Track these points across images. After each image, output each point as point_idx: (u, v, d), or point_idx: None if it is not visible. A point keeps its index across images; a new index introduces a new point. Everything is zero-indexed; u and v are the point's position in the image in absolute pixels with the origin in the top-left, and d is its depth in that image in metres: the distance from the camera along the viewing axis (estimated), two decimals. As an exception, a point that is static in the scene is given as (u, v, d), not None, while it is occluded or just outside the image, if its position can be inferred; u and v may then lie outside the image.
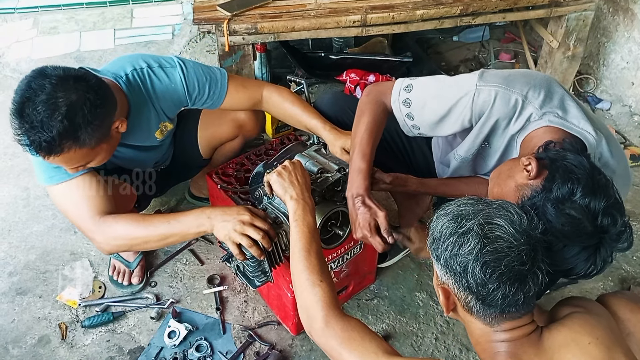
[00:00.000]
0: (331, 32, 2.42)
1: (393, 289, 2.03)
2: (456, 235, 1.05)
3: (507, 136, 1.43)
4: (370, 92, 1.61)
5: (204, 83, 1.76)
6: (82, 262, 2.10)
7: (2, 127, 2.73)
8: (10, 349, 1.84)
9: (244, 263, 1.55)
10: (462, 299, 1.07)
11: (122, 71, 1.64)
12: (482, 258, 1.01)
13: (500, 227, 1.03)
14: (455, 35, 3.31)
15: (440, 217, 1.11)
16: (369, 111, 1.56)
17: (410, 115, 1.53)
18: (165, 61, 1.72)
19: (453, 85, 1.45)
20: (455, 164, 1.61)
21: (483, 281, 1.01)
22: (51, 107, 1.36)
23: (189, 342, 1.85)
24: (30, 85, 1.39)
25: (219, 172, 1.92)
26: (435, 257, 1.10)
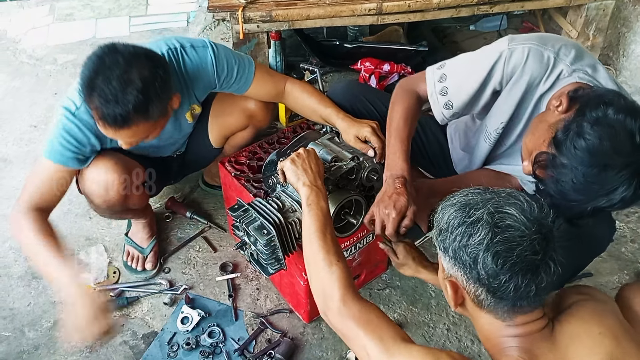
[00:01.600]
0: (346, 20, 2.40)
1: (405, 278, 2.02)
2: (465, 225, 1.01)
3: (535, 96, 1.40)
4: (402, 84, 1.62)
5: (233, 66, 1.77)
6: (97, 247, 2.13)
7: (19, 113, 2.76)
8: (26, 332, 1.88)
9: (257, 250, 1.55)
10: (471, 292, 1.03)
11: (158, 50, 1.65)
12: (493, 248, 0.97)
13: (510, 216, 0.99)
14: (472, 24, 3.27)
15: (446, 208, 1.07)
16: (401, 100, 1.56)
17: (444, 91, 1.50)
18: (197, 42, 1.74)
19: (485, 53, 1.43)
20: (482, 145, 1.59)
21: (494, 272, 0.97)
22: (126, 82, 1.41)
23: (201, 328, 1.87)
24: (104, 60, 1.42)
25: (232, 161, 1.93)
26: (442, 249, 1.06)
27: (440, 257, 1.09)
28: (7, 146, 2.58)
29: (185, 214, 2.22)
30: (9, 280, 2.03)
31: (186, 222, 2.23)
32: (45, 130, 2.64)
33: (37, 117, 2.74)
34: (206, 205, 2.30)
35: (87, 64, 1.45)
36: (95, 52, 1.46)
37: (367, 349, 1.08)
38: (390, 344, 1.06)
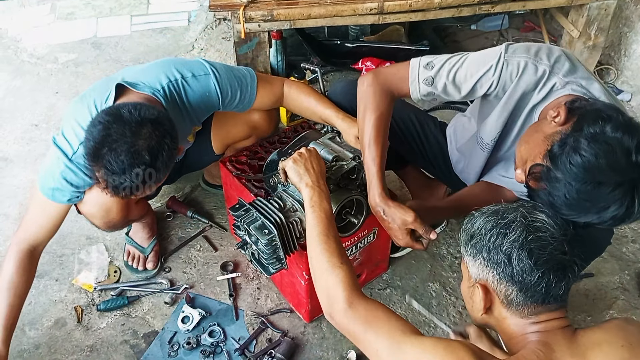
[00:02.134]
0: (347, 19, 2.40)
1: (406, 278, 2.02)
2: (499, 227, 1.07)
3: (528, 106, 1.40)
4: (373, 81, 1.50)
5: (236, 89, 1.75)
6: (97, 246, 2.13)
7: (20, 112, 2.76)
8: (27, 331, 1.88)
9: (258, 250, 1.55)
10: (501, 292, 1.07)
11: (158, 84, 1.62)
12: (527, 246, 1.03)
13: (541, 220, 1.06)
14: (474, 24, 3.26)
15: (477, 217, 1.12)
16: (373, 106, 1.48)
17: (430, 94, 1.47)
18: (197, 68, 1.69)
19: (478, 59, 1.42)
20: (477, 151, 1.59)
21: (530, 268, 1.02)
22: (134, 155, 1.38)
23: (202, 327, 1.87)
24: (109, 131, 1.38)
25: (233, 160, 1.93)
26: (472, 254, 1.10)
27: (467, 265, 1.13)
28: (8, 145, 2.58)
29: (186, 213, 2.22)
30: (9, 279, 2.03)
31: (187, 222, 2.23)
32: (46, 130, 2.64)
33: (38, 116, 2.74)
34: (207, 205, 2.30)
35: (92, 132, 1.41)
36: (100, 120, 1.41)
37: (377, 347, 1.08)
38: (400, 337, 1.06)
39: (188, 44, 3.20)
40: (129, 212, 1.79)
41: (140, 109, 1.42)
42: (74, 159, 1.56)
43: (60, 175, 1.58)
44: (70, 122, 1.59)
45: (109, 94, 1.57)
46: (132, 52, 3.15)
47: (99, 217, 1.71)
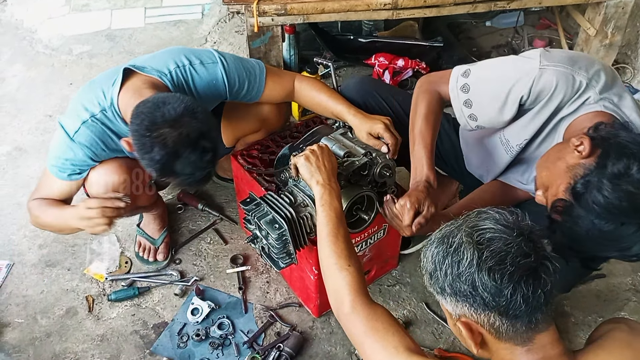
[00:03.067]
0: (361, 14, 2.39)
1: (415, 275, 2.02)
2: (450, 255, 0.98)
3: (557, 118, 1.38)
4: (423, 83, 1.59)
5: (244, 78, 1.75)
6: (109, 237, 2.14)
7: (34, 103, 2.78)
8: (39, 319, 1.90)
9: (269, 244, 1.56)
10: (485, 324, 0.98)
11: (165, 68, 1.65)
12: (484, 265, 0.94)
13: (488, 230, 0.97)
14: (488, 20, 3.24)
15: (426, 251, 1.05)
16: (423, 101, 1.54)
17: (468, 103, 1.48)
18: (206, 56, 1.71)
19: (513, 66, 1.40)
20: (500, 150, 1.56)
21: (496, 289, 0.93)
22: (198, 150, 1.42)
23: (211, 319, 1.88)
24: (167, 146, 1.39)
25: (244, 154, 1.93)
26: (438, 291, 1.02)
27: (442, 303, 1.04)
28: (22, 135, 2.61)
29: (197, 206, 2.23)
30: (22, 268, 2.05)
31: (198, 214, 2.24)
32: (60, 120, 2.66)
33: (52, 106, 2.76)
34: (218, 198, 2.31)
35: (151, 158, 1.41)
36: (151, 142, 1.40)
37: (370, 356, 1.09)
38: (393, 353, 1.05)
39: (201, 37, 3.21)
40: (136, 198, 1.80)
41: (167, 107, 1.42)
42: (75, 138, 1.61)
43: (60, 154, 1.64)
44: (76, 105, 1.65)
45: (116, 78, 1.60)
46: (146, 44, 3.16)
47: None
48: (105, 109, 1.60)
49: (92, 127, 1.60)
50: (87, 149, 1.62)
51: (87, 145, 1.61)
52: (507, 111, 1.42)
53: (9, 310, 1.92)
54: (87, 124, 1.60)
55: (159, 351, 1.81)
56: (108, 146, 1.65)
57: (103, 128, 1.62)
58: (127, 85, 1.59)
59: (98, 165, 1.67)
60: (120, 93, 1.58)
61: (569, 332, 1.86)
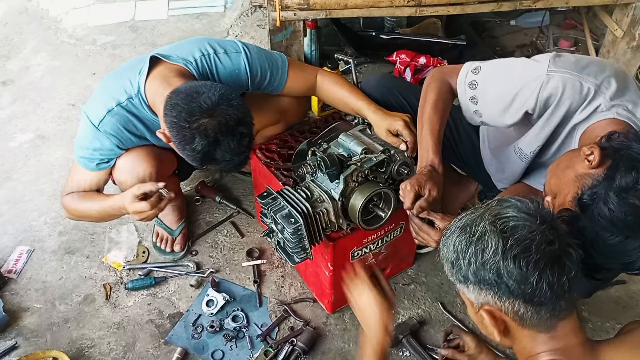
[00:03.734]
0: (384, 11, 2.37)
1: (431, 275, 2.01)
2: (473, 244, 0.97)
3: (569, 126, 1.37)
4: (435, 74, 1.59)
5: (267, 69, 1.76)
6: (128, 226, 2.17)
7: (58, 92, 2.82)
8: (57, 305, 1.93)
9: (284, 238, 1.56)
10: (510, 312, 0.98)
11: (191, 57, 1.66)
12: (510, 253, 0.93)
13: (511, 218, 0.96)
14: (513, 19, 3.19)
15: (447, 240, 1.03)
16: (433, 90, 1.54)
17: (474, 99, 1.49)
18: (230, 46, 1.73)
19: (522, 68, 1.40)
20: (514, 159, 1.55)
21: (522, 276, 0.93)
22: (236, 135, 1.46)
23: (225, 311, 1.89)
24: (207, 135, 1.42)
25: (263, 148, 1.93)
26: (461, 280, 1.01)
27: (464, 293, 1.04)
28: (45, 123, 2.65)
29: (215, 199, 2.25)
30: (42, 254, 2.09)
31: (215, 207, 2.25)
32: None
33: (75, 95, 2.80)
34: (235, 191, 2.32)
35: (193, 149, 1.44)
36: (192, 133, 1.43)
37: None
38: None
39: (223, 30, 3.22)
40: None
41: (203, 96, 1.43)
42: (100, 127, 1.63)
43: (87, 144, 1.66)
44: (101, 94, 1.67)
45: (143, 66, 1.62)
46: (168, 36, 3.18)
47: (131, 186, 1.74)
48: (132, 97, 1.62)
49: (117, 115, 1.62)
50: (113, 137, 1.64)
51: (113, 134, 1.64)
52: (510, 115, 1.42)
53: (28, 295, 1.96)
54: (113, 112, 1.62)
55: (173, 341, 1.83)
56: (133, 133, 1.68)
57: (128, 116, 1.64)
58: (153, 73, 1.61)
59: (125, 153, 1.70)
60: (147, 81, 1.60)
61: (585, 338, 1.83)
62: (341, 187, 1.53)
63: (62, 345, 1.81)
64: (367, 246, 1.75)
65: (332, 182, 1.55)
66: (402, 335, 1.79)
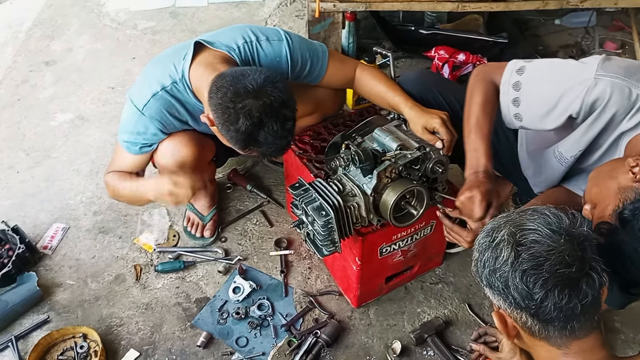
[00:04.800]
0: (425, 5, 2.34)
1: (460, 276, 1.98)
2: (490, 249, 0.98)
3: (615, 133, 1.32)
4: (480, 72, 1.55)
5: (307, 59, 1.76)
6: (160, 210, 2.20)
7: (99, 75, 2.88)
8: (89, 283, 1.98)
9: (314, 231, 1.56)
10: (518, 320, 0.98)
11: (234, 43, 1.67)
12: (519, 267, 0.92)
13: (533, 231, 0.94)
14: (558, 18, 3.10)
15: (480, 234, 1.04)
16: (480, 91, 1.50)
17: (517, 101, 1.44)
18: (272, 34, 1.74)
19: (568, 71, 1.35)
20: (554, 163, 1.51)
21: (527, 293, 0.92)
22: (280, 118, 1.46)
23: (251, 299, 1.91)
24: (252, 116, 1.43)
25: (296, 139, 1.93)
26: (479, 279, 1.02)
27: (486, 290, 1.04)
28: (85, 104, 2.71)
29: (246, 187, 2.26)
30: (77, 232, 2.14)
31: (246, 195, 2.27)
32: (122, 93, 2.75)
33: (115, 79, 2.85)
34: (266, 180, 2.33)
35: (237, 129, 1.44)
36: (236, 114, 1.43)
37: None
38: None
39: (261, 20, 3.23)
40: (202, 171, 1.85)
41: (249, 78, 1.44)
42: (144, 111, 1.65)
43: (131, 127, 1.69)
44: (145, 79, 1.70)
45: (187, 52, 1.63)
46: (207, 23, 3.21)
47: (172, 170, 1.77)
48: (177, 82, 1.64)
49: (161, 100, 1.65)
50: (157, 121, 1.67)
51: (157, 118, 1.66)
52: (553, 118, 1.37)
53: (62, 272, 2.01)
54: (157, 96, 1.64)
55: (199, 325, 1.85)
56: (177, 118, 1.70)
57: (172, 100, 1.66)
58: (198, 59, 1.62)
59: (167, 138, 1.73)
60: (191, 67, 1.62)
61: (616, 350, 1.78)
62: (374, 183, 1.51)
63: (92, 322, 1.86)
64: (396, 243, 1.74)
65: (365, 177, 1.54)
66: (427, 335, 1.77)
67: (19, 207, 2.23)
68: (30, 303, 1.89)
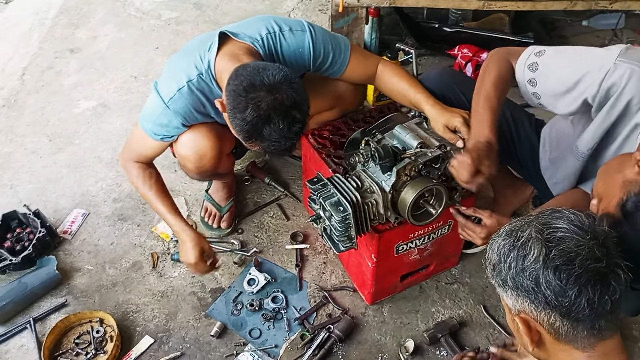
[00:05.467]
0: (450, 2, 2.31)
1: (476, 277, 1.96)
2: (516, 249, 0.95)
3: (630, 124, 1.30)
4: (498, 51, 1.55)
5: (329, 51, 1.75)
6: (178, 199, 2.22)
7: (122, 64, 2.90)
8: (107, 268, 2.01)
9: (331, 226, 1.56)
10: (545, 323, 0.95)
11: (257, 34, 1.68)
12: (551, 263, 0.91)
13: (560, 228, 0.94)
14: (585, 20, 3.05)
15: (493, 242, 1.01)
16: (494, 67, 1.50)
17: (532, 82, 1.44)
18: (295, 25, 1.73)
19: (590, 55, 1.34)
20: (570, 159, 1.49)
21: (561, 289, 0.90)
22: (289, 118, 1.45)
23: (266, 291, 1.92)
24: (259, 109, 1.43)
25: (315, 134, 1.93)
26: (500, 283, 0.99)
27: (503, 297, 1.02)
28: (108, 93, 2.74)
29: (264, 180, 2.27)
30: (97, 218, 2.17)
31: (263, 188, 2.28)
32: (144, 82, 2.77)
33: (138, 68, 2.88)
34: (284, 174, 2.33)
35: (242, 118, 1.44)
36: (244, 102, 1.43)
37: None
38: None
39: (285, 13, 3.23)
40: (220, 163, 1.86)
41: (267, 73, 1.45)
42: (169, 105, 1.66)
43: (155, 118, 1.70)
44: (172, 70, 1.71)
45: (212, 43, 1.64)
46: (231, 15, 3.22)
47: (193, 161, 1.80)
48: (202, 73, 1.64)
49: (187, 94, 1.65)
50: (181, 116, 1.68)
51: (181, 114, 1.67)
52: (568, 100, 1.36)
53: (80, 257, 2.04)
54: (183, 90, 1.64)
55: (213, 314, 1.87)
56: (200, 112, 1.71)
57: (197, 94, 1.66)
58: (223, 50, 1.63)
59: (189, 129, 1.74)
60: (217, 57, 1.62)
61: (634, 358, 1.76)
62: (393, 180, 1.51)
63: (109, 307, 1.88)
64: (412, 241, 1.73)
65: (384, 174, 1.54)
66: (440, 335, 1.77)
67: (40, 192, 2.27)
68: (49, 286, 1.92)
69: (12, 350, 1.78)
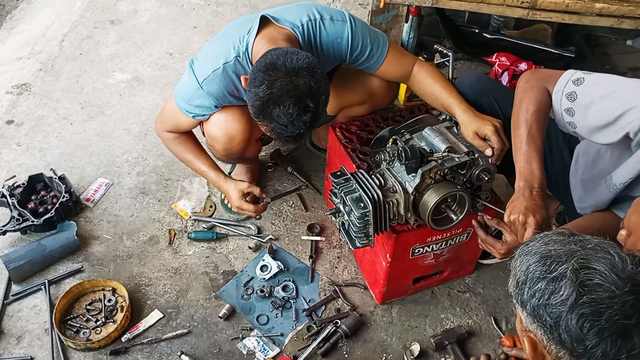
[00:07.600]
0: (494, 8, 2.26)
1: (489, 288, 1.94)
2: (546, 281, 0.89)
3: None
4: (531, 78, 1.48)
5: (367, 45, 1.74)
6: (200, 179, 2.24)
7: (159, 39, 2.93)
8: (124, 239, 2.04)
9: (350, 221, 1.55)
10: (552, 353, 0.91)
11: (298, 20, 1.67)
12: (578, 310, 0.85)
13: (599, 273, 0.87)
14: (630, 39, 2.96)
15: (524, 257, 0.95)
16: (534, 100, 1.44)
17: (570, 111, 1.39)
18: (336, 14, 1.72)
19: (631, 89, 1.29)
20: (602, 189, 1.45)
21: (579, 337, 0.86)
22: (300, 105, 1.44)
23: (277, 279, 1.92)
24: (273, 88, 1.43)
25: (343, 127, 1.92)
26: (520, 302, 0.95)
27: (518, 310, 0.99)
28: (143, 67, 2.77)
29: (287, 168, 2.27)
30: (120, 189, 2.20)
31: (285, 176, 2.28)
32: (179, 60, 2.79)
33: (174, 45, 2.90)
34: (307, 165, 2.33)
35: (255, 93, 1.45)
36: (259, 78, 1.44)
37: None
38: None
39: (325, 3, 3.21)
40: (249, 146, 1.87)
41: (292, 57, 1.44)
42: (203, 85, 1.67)
43: (188, 98, 1.72)
44: (210, 51, 1.72)
45: (252, 26, 1.64)
46: (270, 1, 3.21)
47: (222, 142, 1.81)
48: (240, 55, 1.65)
49: (221, 76, 1.66)
50: (213, 97, 1.69)
51: (214, 95, 1.68)
52: (609, 134, 1.31)
53: (100, 225, 2.08)
54: (217, 72, 1.65)
55: (223, 296, 1.88)
56: (233, 95, 1.71)
57: (232, 76, 1.67)
58: (263, 33, 1.63)
59: (220, 110, 1.75)
60: (255, 40, 1.62)
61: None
62: (417, 182, 1.49)
63: (122, 278, 1.91)
64: (429, 245, 1.71)
65: (409, 175, 1.52)
66: (447, 342, 1.75)
67: (68, 158, 2.30)
68: (67, 251, 1.96)
69: (25, 309, 1.83)
